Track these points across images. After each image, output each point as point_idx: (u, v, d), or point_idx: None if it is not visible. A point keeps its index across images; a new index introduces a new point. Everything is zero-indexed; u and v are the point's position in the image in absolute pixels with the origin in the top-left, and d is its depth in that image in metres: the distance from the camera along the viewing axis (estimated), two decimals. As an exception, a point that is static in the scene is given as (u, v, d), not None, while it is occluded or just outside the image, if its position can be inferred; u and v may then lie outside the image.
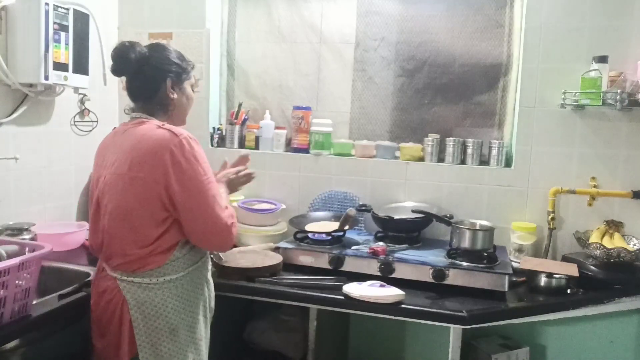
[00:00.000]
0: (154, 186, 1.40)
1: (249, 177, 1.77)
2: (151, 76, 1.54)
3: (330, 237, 2.13)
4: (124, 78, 1.58)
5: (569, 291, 1.89)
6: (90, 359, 1.56)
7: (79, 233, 2.19)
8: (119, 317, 1.45)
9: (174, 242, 1.46)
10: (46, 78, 1.98)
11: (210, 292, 1.64)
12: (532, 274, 1.93)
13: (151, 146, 1.42)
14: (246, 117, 2.63)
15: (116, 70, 1.55)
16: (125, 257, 1.44)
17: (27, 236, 1.92)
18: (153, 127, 1.47)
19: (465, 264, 1.90)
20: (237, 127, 2.60)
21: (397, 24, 2.48)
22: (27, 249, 1.47)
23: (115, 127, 1.64)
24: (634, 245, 2.05)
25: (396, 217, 2.19)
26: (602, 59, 2.05)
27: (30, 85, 2.02)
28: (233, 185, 1.74)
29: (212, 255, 1.78)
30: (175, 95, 1.57)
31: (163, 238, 1.44)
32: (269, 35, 2.64)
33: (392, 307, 1.71)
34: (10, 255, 1.39)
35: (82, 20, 2.13)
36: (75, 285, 1.63)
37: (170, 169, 1.40)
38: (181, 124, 1.65)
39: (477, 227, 2.03)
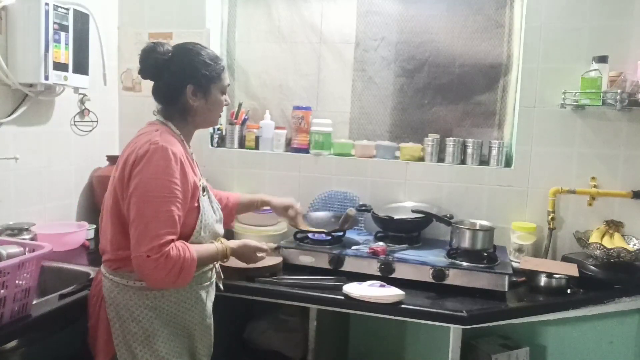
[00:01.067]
0: (120, 188, 1.40)
1: (256, 258, 1.68)
2: (171, 82, 1.48)
3: (330, 237, 2.13)
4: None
5: (569, 291, 1.89)
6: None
7: (79, 233, 2.19)
8: (97, 312, 1.47)
9: None
10: (46, 78, 1.98)
11: (203, 311, 1.54)
12: (532, 274, 1.93)
13: (130, 149, 1.43)
14: (246, 117, 2.63)
15: (140, 73, 1.53)
16: (108, 254, 1.46)
17: (27, 236, 1.92)
18: (151, 131, 1.45)
19: (465, 264, 1.89)
20: (237, 127, 2.60)
21: (397, 24, 2.48)
22: (27, 249, 1.47)
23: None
24: (634, 245, 2.05)
25: (396, 217, 2.19)
26: (602, 59, 2.05)
27: (30, 85, 2.02)
28: (243, 257, 1.65)
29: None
30: (197, 103, 1.50)
31: None
32: (269, 35, 2.64)
33: (392, 307, 1.71)
34: (10, 255, 1.39)
35: (82, 20, 2.13)
36: (75, 285, 1.63)
37: (127, 173, 1.37)
38: (209, 126, 1.67)
39: (477, 227, 2.03)
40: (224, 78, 1.56)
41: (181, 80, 1.48)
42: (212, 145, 2.60)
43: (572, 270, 1.93)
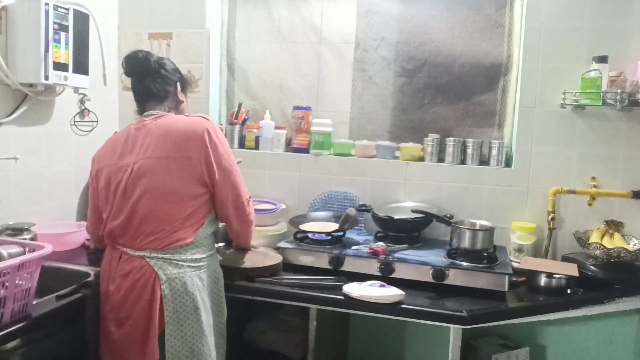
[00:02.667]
0: (196, 164, 1.57)
1: None
2: (168, 78, 1.72)
3: (330, 237, 2.13)
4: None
5: (569, 291, 1.89)
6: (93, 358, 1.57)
7: (79, 233, 2.19)
8: (150, 292, 1.51)
9: (202, 220, 1.61)
10: (46, 78, 1.98)
11: (220, 284, 1.72)
12: (532, 274, 1.93)
13: (189, 128, 1.59)
14: (246, 117, 2.63)
15: (133, 72, 1.69)
16: (157, 234, 1.54)
17: (27, 236, 1.92)
18: (181, 116, 1.66)
19: (465, 264, 1.90)
20: (237, 127, 2.60)
21: (397, 24, 2.48)
22: (27, 249, 1.47)
23: (117, 131, 1.73)
24: (634, 245, 2.05)
25: (396, 217, 2.19)
26: (602, 59, 2.05)
27: (30, 85, 2.02)
28: None
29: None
30: (182, 99, 1.77)
31: (194, 215, 1.58)
32: (269, 35, 2.64)
33: (392, 307, 1.71)
34: (10, 256, 1.39)
35: (82, 20, 2.13)
36: (74, 285, 1.63)
37: (209, 147, 1.58)
38: None
39: (477, 227, 2.03)
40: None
41: (174, 78, 1.75)
42: (212, 145, 2.60)
43: (572, 270, 1.93)
